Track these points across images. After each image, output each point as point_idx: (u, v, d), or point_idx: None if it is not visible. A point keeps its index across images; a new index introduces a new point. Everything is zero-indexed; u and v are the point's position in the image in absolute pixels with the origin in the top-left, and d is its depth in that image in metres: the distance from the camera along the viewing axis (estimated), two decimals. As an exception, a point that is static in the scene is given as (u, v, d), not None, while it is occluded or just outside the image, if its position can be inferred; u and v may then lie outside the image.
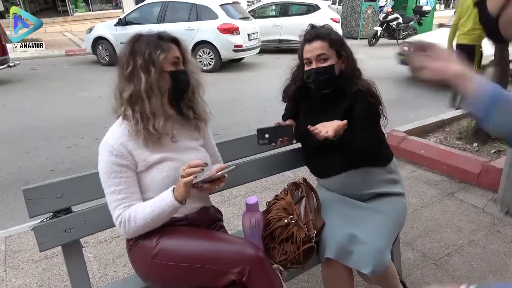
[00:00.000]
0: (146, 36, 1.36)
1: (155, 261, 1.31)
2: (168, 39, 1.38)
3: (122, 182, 1.31)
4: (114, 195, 1.31)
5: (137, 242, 1.36)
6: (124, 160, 1.30)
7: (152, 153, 1.34)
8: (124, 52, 1.35)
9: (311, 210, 1.62)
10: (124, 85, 1.32)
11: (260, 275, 1.24)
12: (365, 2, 14.42)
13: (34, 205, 1.36)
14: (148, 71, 1.30)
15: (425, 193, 3.16)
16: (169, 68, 1.35)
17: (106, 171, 1.30)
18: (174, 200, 1.26)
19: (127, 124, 1.33)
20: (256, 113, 5.64)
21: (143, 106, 1.31)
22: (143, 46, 1.32)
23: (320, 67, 1.60)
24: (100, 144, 1.33)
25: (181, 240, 1.32)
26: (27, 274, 2.26)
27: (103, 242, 2.55)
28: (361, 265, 1.45)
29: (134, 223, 1.29)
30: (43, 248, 1.39)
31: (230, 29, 8.48)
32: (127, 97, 1.31)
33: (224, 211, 1.73)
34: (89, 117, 5.29)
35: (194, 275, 1.27)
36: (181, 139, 1.44)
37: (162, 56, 1.31)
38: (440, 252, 2.41)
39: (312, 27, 1.68)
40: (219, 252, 1.27)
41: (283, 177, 3.23)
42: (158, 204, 1.29)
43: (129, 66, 1.31)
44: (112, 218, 1.33)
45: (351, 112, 1.60)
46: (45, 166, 3.92)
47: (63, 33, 15.77)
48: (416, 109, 5.69)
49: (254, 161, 1.87)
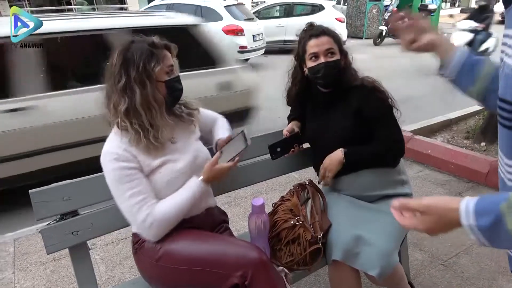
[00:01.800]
0: (138, 44, 1.29)
1: (159, 264, 1.31)
2: (162, 46, 1.32)
3: (138, 184, 1.28)
4: (133, 198, 1.27)
5: (142, 245, 1.36)
6: (132, 163, 1.28)
7: (154, 158, 1.33)
8: (115, 62, 1.27)
9: (317, 212, 1.61)
10: (119, 98, 1.27)
11: (263, 279, 1.24)
12: (370, 2, 14.36)
13: (41, 207, 1.36)
14: (143, 84, 1.26)
15: (432, 193, 3.13)
16: (164, 78, 1.32)
17: (117, 179, 1.27)
18: (201, 183, 1.35)
19: (126, 134, 1.30)
20: (262, 114, 5.64)
21: (140, 119, 1.28)
22: (136, 56, 1.26)
23: (329, 61, 1.59)
24: (101, 156, 1.30)
25: (185, 243, 1.32)
26: (35, 276, 2.27)
27: (110, 244, 2.56)
28: (368, 267, 1.44)
29: (167, 220, 1.30)
30: (51, 250, 1.40)
31: (235, 30, 8.48)
32: (123, 110, 1.27)
33: (230, 213, 1.73)
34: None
35: (197, 279, 1.27)
36: (179, 138, 1.43)
37: (157, 68, 1.28)
38: (449, 253, 2.39)
39: (311, 25, 1.68)
40: (222, 256, 1.27)
41: (289, 178, 3.22)
42: (186, 192, 1.33)
43: (122, 79, 1.26)
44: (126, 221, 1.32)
45: (362, 112, 1.60)
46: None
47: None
48: (423, 108, 5.65)
49: (260, 162, 1.86)
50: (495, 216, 0.69)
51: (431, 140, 3.93)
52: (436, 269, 2.25)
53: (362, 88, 1.62)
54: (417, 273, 2.21)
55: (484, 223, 0.71)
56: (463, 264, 2.28)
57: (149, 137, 1.29)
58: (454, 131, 4.25)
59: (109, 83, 1.31)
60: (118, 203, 1.31)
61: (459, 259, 2.33)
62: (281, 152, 1.66)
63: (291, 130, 1.76)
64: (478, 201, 0.73)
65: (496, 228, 0.70)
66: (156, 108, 1.30)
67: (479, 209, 0.72)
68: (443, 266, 2.27)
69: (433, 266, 2.27)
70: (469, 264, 2.28)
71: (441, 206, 0.78)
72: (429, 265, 2.29)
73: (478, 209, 0.72)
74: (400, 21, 1.06)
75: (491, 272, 2.21)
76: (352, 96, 1.63)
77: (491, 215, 0.70)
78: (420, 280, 2.16)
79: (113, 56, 1.29)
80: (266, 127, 1.62)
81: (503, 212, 0.68)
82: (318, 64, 1.60)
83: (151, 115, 1.29)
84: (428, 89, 6.89)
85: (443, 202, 0.78)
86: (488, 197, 0.73)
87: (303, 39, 1.65)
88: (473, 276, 2.18)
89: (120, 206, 1.31)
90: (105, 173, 1.30)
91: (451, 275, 2.20)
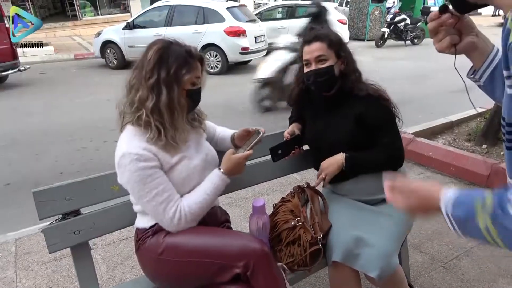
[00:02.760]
0: (176, 48, 1.33)
1: (161, 258, 1.33)
2: (196, 57, 1.37)
3: (161, 182, 1.30)
4: (158, 197, 1.29)
5: (145, 241, 1.38)
6: (153, 162, 1.29)
7: (172, 156, 1.35)
8: (150, 58, 1.30)
9: (317, 213, 1.62)
10: (147, 94, 1.30)
11: (264, 270, 1.26)
12: (372, 4, 14.36)
13: (43, 207, 1.37)
14: (171, 87, 1.30)
15: (433, 196, 3.13)
16: (188, 87, 1.35)
17: (140, 180, 1.27)
18: (222, 175, 1.40)
19: (144, 131, 1.32)
20: (264, 115, 5.66)
21: (162, 118, 1.31)
22: (172, 59, 1.30)
23: (319, 69, 1.60)
24: (118, 158, 1.29)
25: (187, 236, 1.34)
26: (37, 275, 2.28)
27: (112, 244, 2.57)
28: (368, 268, 1.44)
29: (194, 214, 1.34)
30: (52, 250, 1.41)
31: (237, 32, 8.51)
32: (150, 106, 1.29)
33: (231, 214, 1.74)
34: (98, 120, 5.34)
35: (200, 270, 1.29)
36: (191, 138, 1.47)
37: (187, 76, 1.32)
38: (449, 255, 2.39)
39: (311, 29, 1.69)
40: (224, 246, 1.29)
41: (290, 179, 3.23)
42: (209, 184, 1.38)
43: (153, 76, 1.29)
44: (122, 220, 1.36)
45: (364, 119, 1.60)
46: (55, 168, 3.97)
47: (72, 37, 15.94)
48: (424, 110, 5.65)
49: (261, 164, 1.87)
50: (469, 211, 0.72)
51: (432, 142, 3.93)
52: (436, 271, 2.25)
53: (367, 95, 1.62)
54: (418, 275, 2.21)
55: (459, 214, 0.74)
56: (463, 267, 2.28)
57: (168, 136, 1.32)
58: (456, 133, 4.25)
59: (139, 75, 1.32)
60: (143, 203, 1.31)
61: (459, 261, 2.33)
62: (282, 154, 1.67)
63: (292, 133, 1.77)
64: (460, 193, 0.76)
65: (469, 222, 0.72)
66: (179, 111, 1.33)
67: (458, 201, 0.75)
68: (443, 268, 2.27)
69: (433, 268, 2.27)
70: (469, 267, 2.28)
71: (425, 192, 0.84)
72: (429, 267, 2.29)
73: (457, 200, 0.75)
74: (438, 20, 0.93)
75: (491, 275, 2.20)
76: (355, 101, 1.63)
77: (466, 209, 0.73)
78: (420, 282, 2.16)
79: (150, 51, 1.32)
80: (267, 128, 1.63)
81: (476, 210, 0.71)
82: (309, 71, 1.62)
83: (173, 117, 1.33)
84: (429, 91, 6.89)
85: (427, 189, 0.83)
86: (470, 192, 0.75)
87: (301, 44, 1.68)
88: (474, 279, 2.18)
89: (146, 206, 1.32)
90: (124, 174, 1.30)
91: (451, 277, 2.20)
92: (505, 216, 0.66)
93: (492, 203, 0.69)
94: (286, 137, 1.75)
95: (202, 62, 1.41)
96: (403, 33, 12.82)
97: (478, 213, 0.70)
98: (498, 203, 0.67)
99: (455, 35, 0.93)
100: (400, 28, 12.75)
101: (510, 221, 0.65)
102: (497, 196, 0.69)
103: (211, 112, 1.67)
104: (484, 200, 0.70)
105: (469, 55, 0.96)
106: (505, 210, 0.65)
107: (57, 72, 9.38)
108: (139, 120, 1.31)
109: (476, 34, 0.94)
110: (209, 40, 8.58)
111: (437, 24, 0.93)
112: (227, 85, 7.66)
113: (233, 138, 1.66)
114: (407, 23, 12.76)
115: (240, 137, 1.62)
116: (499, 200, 0.67)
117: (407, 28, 12.79)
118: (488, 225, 0.69)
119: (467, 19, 0.93)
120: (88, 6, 18.98)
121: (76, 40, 15.08)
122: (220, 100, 6.26)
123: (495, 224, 0.68)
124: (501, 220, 0.67)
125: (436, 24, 0.93)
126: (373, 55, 11.16)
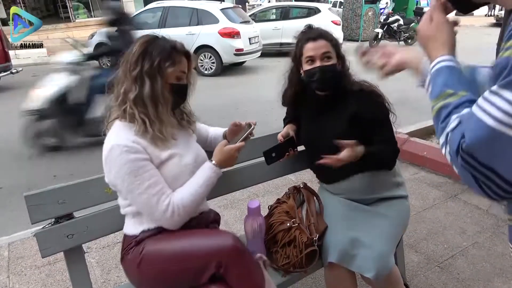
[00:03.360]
0: (161, 42, 1.34)
1: (140, 268, 1.31)
2: (182, 52, 1.37)
3: (154, 174, 1.29)
4: (151, 189, 1.27)
5: (129, 252, 1.36)
6: (143, 154, 1.28)
7: (161, 151, 1.33)
8: (135, 51, 1.31)
9: (313, 214, 1.61)
10: (130, 85, 1.30)
11: (237, 265, 1.24)
12: (365, 5, 14.42)
13: (36, 211, 1.36)
14: (154, 79, 1.29)
15: (428, 195, 3.15)
16: (172, 81, 1.35)
17: (130, 172, 1.25)
18: (214, 166, 1.38)
19: (131, 125, 1.31)
20: (258, 117, 5.63)
21: (147, 110, 1.31)
22: (156, 52, 1.30)
23: (325, 65, 1.59)
24: (107, 152, 1.27)
25: (162, 244, 1.31)
26: (30, 280, 2.26)
27: (106, 247, 2.55)
28: (364, 269, 1.44)
29: (187, 207, 1.32)
30: (46, 254, 1.39)
31: (231, 33, 8.50)
32: (133, 98, 1.30)
33: (226, 215, 1.73)
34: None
35: (177, 276, 1.28)
36: (180, 137, 1.45)
37: (170, 69, 1.31)
38: (444, 255, 2.39)
39: (310, 27, 1.68)
40: (194, 249, 1.27)
41: (285, 180, 3.22)
42: (201, 177, 1.36)
43: (136, 68, 1.29)
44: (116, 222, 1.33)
45: (359, 117, 1.60)
46: (48, 172, 3.93)
47: (65, 39, 15.85)
48: (419, 110, 5.68)
49: (256, 165, 1.86)
50: (441, 87, 0.82)
51: (426, 142, 3.95)
52: (432, 271, 2.26)
53: (360, 92, 1.63)
54: (413, 275, 2.22)
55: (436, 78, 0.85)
56: (458, 266, 2.29)
57: (154, 128, 1.31)
58: (450, 133, 4.27)
59: (123, 69, 1.33)
60: (134, 196, 1.29)
61: (455, 260, 2.34)
62: (276, 157, 1.65)
63: (285, 135, 1.75)
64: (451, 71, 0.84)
65: (434, 89, 0.84)
66: (163, 104, 1.32)
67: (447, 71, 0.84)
68: (439, 268, 2.28)
69: (429, 268, 2.28)
70: (464, 266, 2.28)
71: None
72: (425, 266, 2.29)
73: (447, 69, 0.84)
74: (365, 56, 1.12)
75: (486, 274, 2.21)
76: (349, 100, 1.63)
77: (443, 82, 0.82)
78: (416, 282, 2.17)
79: (135, 45, 1.33)
80: (262, 130, 1.63)
81: (443, 92, 0.80)
82: (313, 67, 1.60)
83: (157, 110, 1.32)
84: (423, 91, 6.91)
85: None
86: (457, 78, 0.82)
87: (300, 41, 1.65)
88: (469, 278, 2.19)
89: (137, 199, 1.29)
90: (113, 168, 1.27)
91: (447, 276, 2.20)
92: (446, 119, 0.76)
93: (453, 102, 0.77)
94: (279, 140, 1.74)
95: (189, 58, 1.40)
96: (396, 34, 12.91)
97: (443, 94, 0.80)
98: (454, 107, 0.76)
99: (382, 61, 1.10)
100: (394, 28, 12.84)
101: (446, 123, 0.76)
102: (461, 100, 0.76)
103: (205, 114, 1.66)
104: (454, 95, 0.78)
105: (409, 69, 1.08)
106: (449, 117, 0.76)
107: (50, 74, 9.31)
108: (125, 113, 1.31)
109: (405, 51, 1.08)
110: (203, 41, 8.57)
111: (367, 61, 1.12)
112: (221, 87, 7.65)
113: (225, 135, 1.66)
114: (400, 23, 12.86)
115: (231, 132, 1.62)
116: (458, 104, 0.76)
117: (400, 28, 12.88)
118: (435, 108, 0.81)
119: (390, 45, 1.13)
120: (81, 8, 18.90)
121: (69, 42, 14.98)
122: (214, 101, 6.24)
123: (439, 112, 0.79)
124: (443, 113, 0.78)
125: (366, 62, 1.12)
126: (367, 56, 11.22)
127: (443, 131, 0.76)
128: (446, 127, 0.75)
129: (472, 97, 0.75)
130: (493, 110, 0.65)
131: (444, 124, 0.76)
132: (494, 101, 0.65)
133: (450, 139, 0.73)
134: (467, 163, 0.69)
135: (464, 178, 0.72)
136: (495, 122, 0.64)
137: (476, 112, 0.68)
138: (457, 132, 0.72)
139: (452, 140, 0.72)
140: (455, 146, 0.71)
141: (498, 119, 0.64)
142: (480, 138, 0.66)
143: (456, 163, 0.73)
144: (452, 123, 0.74)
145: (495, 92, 0.66)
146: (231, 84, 8.00)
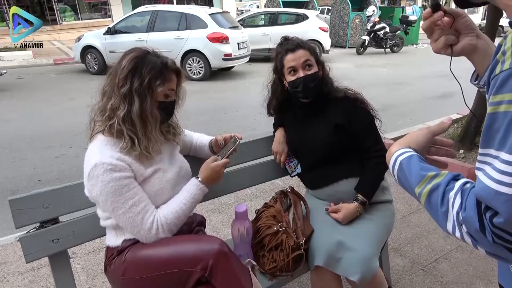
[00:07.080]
0: (152, 58, 1.30)
1: (124, 278, 1.31)
2: (172, 70, 1.35)
3: (137, 192, 1.28)
4: (135, 207, 1.26)
5: (111, 262, 1.35)
6: (127, 172, 1.26)
7: (146, 168, 1.33)
8: (125, 66, 1.27)
9: (299, 218, 1.63)
10: (119, 102, 1.27)
11: (223, 268, 1.24)
12: (352, 12, 14.65)
13: (20, 215, 1.34)
14: (143, 98, 1.27)
15: (413, 200, 3.19)
16: (161, 99, 1.33)
17: (114, 191, 1.23)
18: (200, 184, 1.38)
19: (116, 140, 1.29)
20: (246, 121, 5.66)
21: (135, 128, 1.28)
22: (146, 69, 1.27)
23: (308, 75, 1.63)
24: (90, 169, 1.23)
25: (144, 251, 1.31)
26: (13, 286, 2.21)
27: (91, 252, 2.52)
28: (349, 273, 1.46)
29: (171, 225, 1.32)
30: (30, 259, 1.37)
31: (220, 38, 8.52)
32: (122, 115, 1.26)
33: (213, 220, 1.74)
34: (77, 126, 5.21)
35: (162, 283, 1.27)
36: (164, 151, 1.45)
37: (160, 88, 1.29)
38: (429, 258, 2.43)
39: (286, 39, 1.71)
40: (180, 254, 1.26)
41: (272, 185, 3.24)
42: (186, 194, 1.36)
43: (125, 85, 1.26)
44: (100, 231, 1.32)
45: (344, 126, 1.63)
46: (33, 176, 3.86)
47: (51, 41, 15.64)
48: (403, 116, 5.78)
49: (243, 169, 1.87)
50: (417, 171, 0.78)
51: (411, 147, 4.00)
52: (416, 274, 2.29)
53: (345, 99, 1.66)
54: (398, 278, 2.25)
55: (407, 164, 0.83)
56: (442, 269, 2.33)
57: (141, 146, 1.29)
58: (434, 139, 4.35)
59: (111, 83, 1.29)
60: (118, 215, 1.26)
61: (438, 264, 2.38)
62: None
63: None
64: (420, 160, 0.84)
65: (410, 177, 0.79)
66: (152, 122, 1.31)
67: (415, 158, 0.84)
68: (423, 271, 2.32)
69: (413, 271, 2.31)
70: (448, 269, 2.33)
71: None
72: (409, 270, 2.33)
73: (415, 157, 0.84)
74: (431, 18, 0.87)
75: (469, 277, 2.26)
76: (333, 107, 1.67)
77: (416, 167, 0.80)
78: (401, 285, 2.20)
79: (125, 59, 1.29)
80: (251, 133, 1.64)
81: (426, 176, 0.75)
82: (297, 78, 1.64)
83: (146, 128, 1.30)
84: (408, 98, 7.05)
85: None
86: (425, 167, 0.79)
87: (280, 53, 1.69)
88: (452, 281, 2.23)
89: (121, 218, 1.26)
90: (96, 186, 1.24)
91: (431, 280, 2.24)
92: (442, 201, 0.70)
93: (441, 181, 0.72)
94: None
95: (179, 75, 1.39)
96: (382, 41, 13.11)
97: (425, 178, 0.75)
98: (446, 183, 0.71)
99: (451, 35, 0.87)
100: (380, 36, 13.04)
101: (439, 206, 0.70)
102: (447, 178, 0.72)
103: (194, 118, 1.66)
104: (437, 176, 0.74)
105: (470, 58, 0.89)
106: (445, 197, 0.70)
107: (36, 77, 9.17)
108: (111, 129, 1.28)
109: (476, 35, 0.87)
110: (192, 46, 8.56)
111: (430, 23, 0.87)
112: (210, 91, 7.65)
113: (211, 145, 1.65)
114: (387, 31, 13.07)
115: (217, 145, 1.61)
116: (447, 181, 0.71)
117: (386, 36, 13.09)
118: (423, 193, 0.74)
119: (466, 19, 0.87)
120: (68, 11, 18.68)
121: (56, 45, 14.80)
122: (202, 106, 6.24)
123: (430, 197, 0.72)
124: (435, 200, 0.71)
125: (429, 23, 0.87)
126: (354, 62, 11.37)
127: (448, 215, 0.69)
128: (449, 210, 0.68)
129: (452, 173, 0.72)
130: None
131: (445, 207, 0.69)
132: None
133: (465, 220, 0.65)
134: (500, 238, 0.61)
135: (498, 254, 0.65)
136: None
137: (500, 189, 0.59)
138: (469, 210, 0.64)
139: (468, 219, 0.64)
140: (476, 224, 0.63)
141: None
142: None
143: (483, 240, 0.64)
144: (455, 203, 0.67)
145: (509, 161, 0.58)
146: (220, 89, 8.01)
